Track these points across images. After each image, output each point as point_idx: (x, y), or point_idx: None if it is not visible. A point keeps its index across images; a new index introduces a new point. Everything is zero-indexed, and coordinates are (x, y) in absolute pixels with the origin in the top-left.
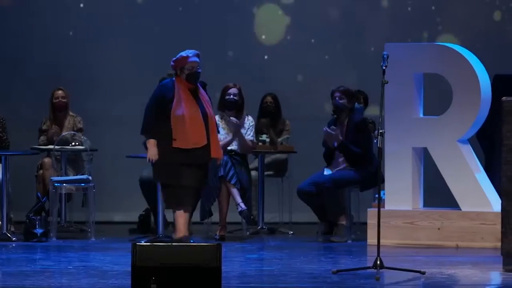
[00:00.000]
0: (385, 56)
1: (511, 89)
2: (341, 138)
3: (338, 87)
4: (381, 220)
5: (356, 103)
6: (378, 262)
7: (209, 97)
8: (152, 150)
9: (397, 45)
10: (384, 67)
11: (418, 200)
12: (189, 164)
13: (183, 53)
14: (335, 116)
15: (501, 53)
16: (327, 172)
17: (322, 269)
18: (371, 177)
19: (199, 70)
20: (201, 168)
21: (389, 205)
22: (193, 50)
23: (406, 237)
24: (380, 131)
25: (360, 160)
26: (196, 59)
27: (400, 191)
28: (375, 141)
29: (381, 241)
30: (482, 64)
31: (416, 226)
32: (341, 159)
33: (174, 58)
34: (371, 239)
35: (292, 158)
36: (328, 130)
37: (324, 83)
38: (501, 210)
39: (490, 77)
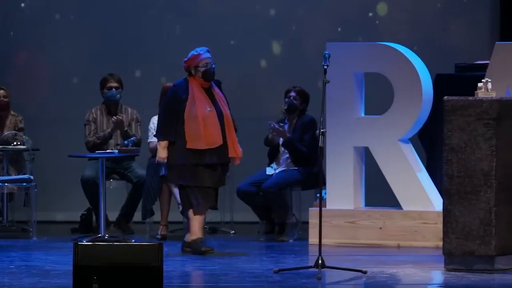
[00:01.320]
0: (326, 55)
1: (453, 89)
2: (288, 135)
3: (294, 86)
4: (322, 219)
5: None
6: (320, 262)
7: (224, 95)
8: (162, 153)
9: (339, 44)
10: (325, 67)
11: (359, 199)
12: (204, 165)
13: (194, 52)
14: (286, 116)
15: (443, 53)
16: (269, 171)
17: (264, 268)
18: (313, 176)
19: (214, 66)
20: (216, 169)
21: (330, 205)
22: (203, 47)
23: (348, 236)
24: (322, 130)
25: (305, 159)
26: (208, 55)
27: (342, 190)
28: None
29: (323, 240)
30: (423, 64)
31: (358, 225)
32: (285, 157)
33: (185, 59)
34: (313, 239)
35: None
36: (275, 125)
37: (264, 84)
38: (443, 209)
39: (431, 76)
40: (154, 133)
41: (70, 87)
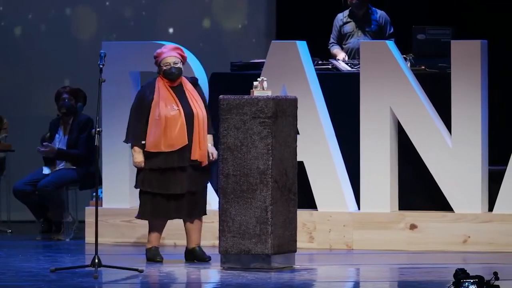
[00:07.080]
0: (102, 54)
1: (228, 87)
2: (56, 149)
3: (64, 87)
4: (99, 218)
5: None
6: (96, 261)
7: (202, 93)
8: (138, 157)
9: (114, 43)
10: (101, 66)
11: (135, 198)
12: (161, 169)
13: (159, 49)
14: (59, 115)
15: (218, 51)
16: (46, 171)
17: (40, 267)
18: (90, 176)
19: (175, 66)
20: (185, 171)
21: (106, 203)
22: (171, 44)
23: (124, 235)
24: (98, 129)
25: (82, 159)
26: (172, 53)
27: (118, 189)
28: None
29: (99, 239)
30: (199, 62)
31: (134, 224)
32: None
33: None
34: (89, 238)
35: (10, 157)
36: (41, 149)
37: (42, 82)
38: (219, 208)
39: (207, 75)
40: None
41: None
